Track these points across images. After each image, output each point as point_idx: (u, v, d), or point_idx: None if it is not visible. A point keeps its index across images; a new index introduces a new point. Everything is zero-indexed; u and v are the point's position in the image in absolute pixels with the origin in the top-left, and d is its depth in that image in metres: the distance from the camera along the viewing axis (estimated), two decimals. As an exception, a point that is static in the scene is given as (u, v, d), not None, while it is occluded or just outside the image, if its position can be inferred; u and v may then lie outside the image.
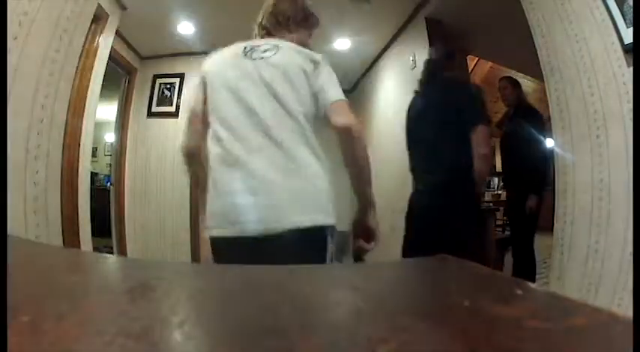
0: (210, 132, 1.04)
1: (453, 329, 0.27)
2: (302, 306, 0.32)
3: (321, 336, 0.25)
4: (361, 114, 4.38)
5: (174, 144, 3.51)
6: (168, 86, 3.55)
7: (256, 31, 1.22)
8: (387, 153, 3.54)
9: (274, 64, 1.05)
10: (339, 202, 1.15)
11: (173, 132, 3.51)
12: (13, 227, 1.40)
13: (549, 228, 1.69)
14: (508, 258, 2.62)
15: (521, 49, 2.21)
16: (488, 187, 6.04)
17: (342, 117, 1.04)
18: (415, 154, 1.93)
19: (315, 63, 1.07)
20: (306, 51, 1.11)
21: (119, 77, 3.43)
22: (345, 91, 1.13)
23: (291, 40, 1.15)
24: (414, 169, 1.93)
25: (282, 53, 1.07)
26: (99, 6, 2.14)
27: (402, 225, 3.01)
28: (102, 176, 5.83)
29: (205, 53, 1.67)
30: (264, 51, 1.09)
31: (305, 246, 0.94)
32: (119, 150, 3.45)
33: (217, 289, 0.38)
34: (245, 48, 1.12)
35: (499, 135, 2.64)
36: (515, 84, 2.51)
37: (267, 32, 1.19)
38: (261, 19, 1.21)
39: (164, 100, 3.54)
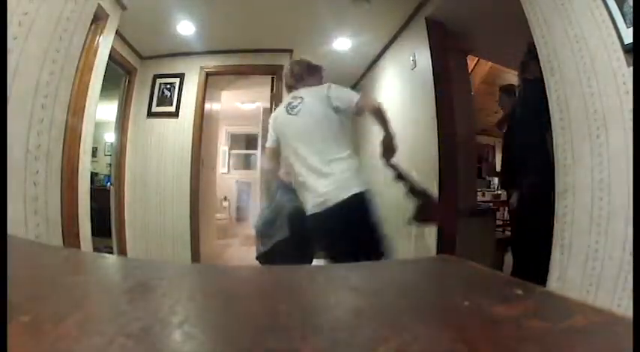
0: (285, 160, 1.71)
1: (453, 329, 0.27)
2: (302, 306, 0.32)
3: (321, 336, 0.25)
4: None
5: (175, 144, 3.51)
6: (168, 86, 3.54)
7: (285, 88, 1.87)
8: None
9: (302, 114, 1.64)
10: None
11: (173, 132, 3.51)
12: (13, 227, 1.40)
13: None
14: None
15: (521, 49, 2.21)
16: (488, 187, 6.05)
17: (369, 102, 1.67)
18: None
19: (328, 90, 1.63)
20: (316, 89, 1.68)
21: (119, 77, 3.43)
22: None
23: (308, 85, 1.72)
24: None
25: (305, 104, 1.65)
26: (99, 6, 2.14)
27: (404, 222, 3.02)
28: (102, 176, 5.82)
29: (205, 53, 1.73)
30: (294, 107, 1.66)
31: None
32: (119, 150, 3.45)
33: (217, 289, 0.38)
34: (286, 106, 1.71)
35: (499, 135, 2.66)
36: (510, 92, 2.53)
37: (289, 88, 1.81)
38: (285, 80, 1.84)
39: (164, 100, 3.54)
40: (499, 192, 4.97)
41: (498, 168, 4.18)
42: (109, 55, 2.54)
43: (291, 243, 1.54)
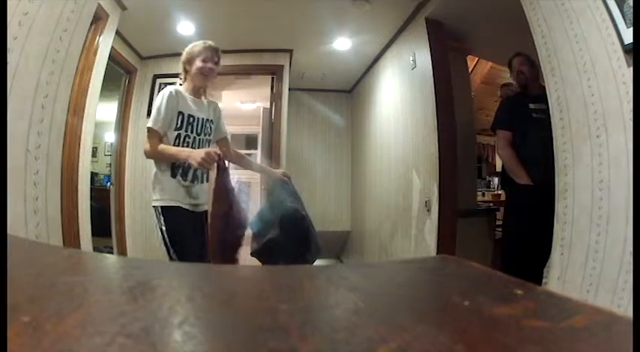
0: None
1: (453, 329, 0.27)
2: (302, 306, 0.32)
3: (321, 336, 0.25)
4: (361, 114, 4.38)
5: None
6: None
7: None
8: (387, 152, 3.54)
9: None
10: (339, 204, 1.23)
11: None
12: (13, 227, 1.40)
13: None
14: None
15: (521, 49, 2.21)
16: (488, 187, 6.05)
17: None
18: None
19: None
20: None
21: (119, 77, 3.43)
22: (345, 91, 1.24)
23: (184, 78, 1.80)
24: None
25: None
26: (99, 6, 2.14)
27: (404, 222, 3.02)
28: (102, 176, 5.83)
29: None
30: None
31: None
32: (119, 150, 3.45)
33: (217, 289, 0.38)
34: None
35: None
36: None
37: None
38: None
39: (164, 100, 3.53)
40: (499, 192, 4.97)
41: (498, 168, 4.17)
42: (109, 55, 2.54)
43: (281, 241, 1.57)
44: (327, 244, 1.45)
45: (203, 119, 1.76)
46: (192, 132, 1.70)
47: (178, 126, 1.67)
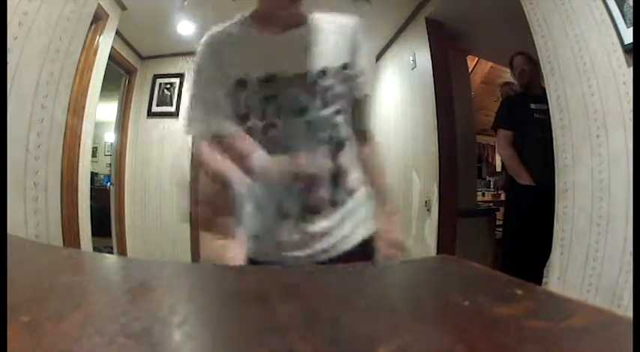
0: None
1: (453, 329, 0.27)
2: (302, 306, 0.32)
3: (321, 336, 0.25)
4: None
5: (174, 144, 3.51)
6: (168, 86, 3.54)
7: None
8: (387, 152, 3.54)
9: None
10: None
11: (173, 132, 3.51)
12: (13, 227, 1.40)
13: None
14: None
15: (521, 49, 2.21)
16: (488, 187, 6.05)
17: None
18: None
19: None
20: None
21: (119, 77, 3.43)
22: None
23: None
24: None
25: None
26: (99, 6, 2.14)
27: (404, 222, 3.02)
28: (102, 176, 5.83)
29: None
30: None
31: None
32: (119, 150, 3.45)
33: (217, 289, 0.38)
34: None
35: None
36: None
37: None
38: None
39: (164, 100, 3.54)
40: (499, 192, 4.97)
41: (499, 168, 4.17)
42: (109, 55, 2.54)
43: None
44: (327, 244, 1.43)
45: (305, 75, 0.78)
46: (279, 116, 0.77)
47: (242, 111, 0.78)
